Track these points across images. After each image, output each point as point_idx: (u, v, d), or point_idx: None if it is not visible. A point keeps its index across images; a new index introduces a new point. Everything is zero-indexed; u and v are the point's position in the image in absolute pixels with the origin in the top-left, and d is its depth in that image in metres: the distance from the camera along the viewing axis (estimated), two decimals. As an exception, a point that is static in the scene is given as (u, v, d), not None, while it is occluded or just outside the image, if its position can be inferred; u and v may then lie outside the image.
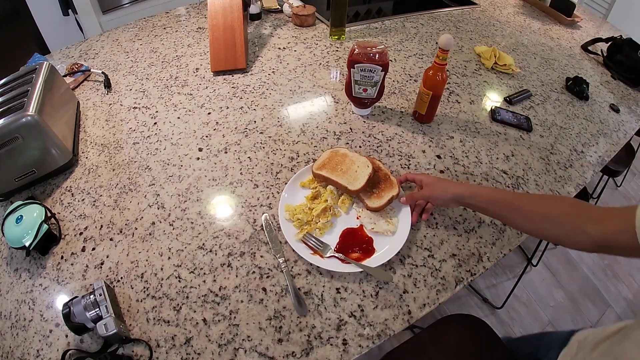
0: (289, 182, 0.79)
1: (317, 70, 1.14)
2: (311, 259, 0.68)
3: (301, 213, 0.74)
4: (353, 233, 0.74)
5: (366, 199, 0.75)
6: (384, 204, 0.73)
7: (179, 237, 0.72)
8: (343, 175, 0.77)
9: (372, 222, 0.74)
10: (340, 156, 0.81)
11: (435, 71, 0.87)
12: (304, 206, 0.76)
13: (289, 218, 0.74)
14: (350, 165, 0.79)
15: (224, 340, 0.59)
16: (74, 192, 0.80)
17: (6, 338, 0.60)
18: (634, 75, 1.24)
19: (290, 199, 0.78)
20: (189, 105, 1.01)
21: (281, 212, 0.75)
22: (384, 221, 0.74)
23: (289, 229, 0.73)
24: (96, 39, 1.28)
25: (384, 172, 0.80)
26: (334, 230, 0.74)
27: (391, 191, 0.75)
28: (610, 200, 2.20)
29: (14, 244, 0.66)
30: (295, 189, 0.80)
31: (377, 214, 0.75)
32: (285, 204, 0.76)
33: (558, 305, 1.70)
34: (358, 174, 0.77)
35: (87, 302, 0.56)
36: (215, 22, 1.12)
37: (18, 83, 0.81)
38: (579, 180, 0.89)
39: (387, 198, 0.74)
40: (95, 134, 0.93)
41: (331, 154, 0.82)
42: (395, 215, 0.75)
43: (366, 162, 0.78)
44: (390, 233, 0.72)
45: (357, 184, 0.75)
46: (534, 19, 1.57)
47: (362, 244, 0.72)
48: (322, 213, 0.75)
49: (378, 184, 0.78)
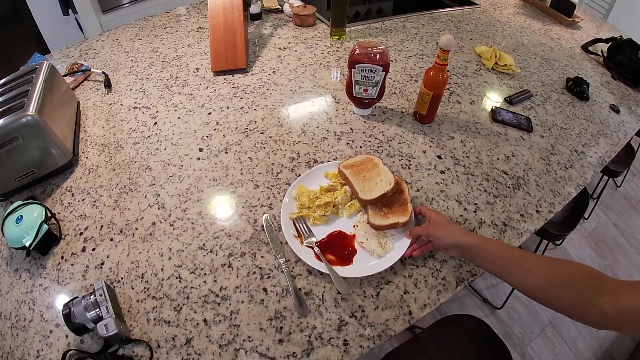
0: (315, 168, 0.83)
1: (317, 70, 1.14)
2: (290, 241, 0.69)
3: (307, 197, 0.76)
4: (342, 238, 0.73)
5: (371, 213, 0.73)
6: (386, 225, 0.70)
7: (179, 237, 0.72)
8: (362, 182, 0.76)
9: (365, 238, 0.72)
10: (371, 164, 0.80)
11: (436, 71, 0.87)
12: (314, 193, 0.78)
13: (295, 196, 0.77)
14: (374, 177, 0.77)
15: (224, 340, 0.59)
16: (74, 192, 0.80)
17: (6, 338, 0.60)
18: (634, 75, 1.24)
19: (307, 181, 0.80)
20: (190, 105, 1.01)
21: (292, 190, 0.78)
22: (376, 241, 0.71)
23: (290, 207, 0.75)
24: (96, 38, 1.28)
25: (404, 197, 0.76)
26: (327, 227, 0.74)
27: (400, 217, 0.71)
28: (610, 201, 2.21)
29: (14, 244, 0.65)
30: (317, 176, 0.82)
31: (374, 233, 0.72)
32: (300, 184, 0.79)
33: (558, 306, 1.70)
34: (376, 187, 0.75)
35: (88, 303, 0.56)
36: (215, 22, 1.12)
37: (18, 83, 0.81)
38: (579, 181, 0.89)
39: (392, 222, 0.70)
40: (95, 133, 0.93)
41: (364, 159, 0.82)
42: (390, 241, 0.72)
43: (390, 180, 0.75)
44: (377, 256, 0.69)
45: (369, 195, 0.73)
46: (534, 20, 1.57)
47: (344, 252, 0.70)
48: (324, 206, 0.75)
49: (391, 205, 0.74)
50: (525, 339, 1.57)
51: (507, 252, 0.60)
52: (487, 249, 0.61)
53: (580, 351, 1.57)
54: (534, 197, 0.84)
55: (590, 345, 1.59)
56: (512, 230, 0.77)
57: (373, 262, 0.69)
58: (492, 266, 0.60)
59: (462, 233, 0.64)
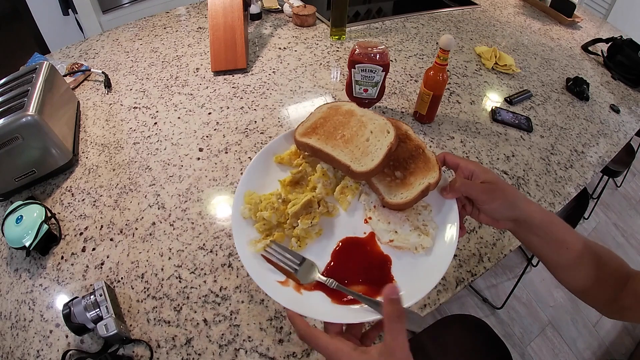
0: (258, 155, 0.52)
1: (317, 70, 1.14)
2: (274, 291, 0.42)
3: (269, 209, 0.47)
4: (357, 246, 0.46)
5: (383, 189, 0.47)
6: (415, 197, 0.45)
7: (179, 237, 0.72)
8: (345, 145, 0.49)
9: (391, 230, 0.46)
10: (343, 114, 0.53)
11: (436, 71, 0.87)
12: (275, 197, 0.49)
13: (249, 215, 0.48)
14: (358, 130, 0.50)
15: (224, 340, 0.59)
16: (74, 192, 0.80)
17: (6, 338, 0.60)
18: (634, 75, 1.24)
19: (255, 183, 0.51)
20: (190, 105, 1.01)
21: (237, 204, 0.48)
22: (412, 229, 0.46)
23: (246, 233, 0.47)
24: (96, 38, 1.28)
25: (414, 143, 0.51)
26: (325, 240, 0.47)
27: (427, 175, 0.47)
28: (610, 201, 2.21)
29: (14, 244, 0.65)
30: (266, 167, 0.53)
31: (401, 216, 0.47)
32: (247, 191, 0.49)
33: (558, 306, 1.70)
34: (370, 145, 0.48)
35: (88, 303, 0.56)
36: (215, 22, 1.12)
37: (18, 83, 0.81)
38: (579, 181, 0.89)
39: (421, 187, 0.46)
40: (95, 133, 0.93)
41: (329, 111, 0.54)
42: (431, 219, 0.47)
43: (385, 125, 0.50)
44: (422, 250, 0.45)
45: (368, 162, 0.46)
46: (534, 19, 1.57)
47: (373, 267, 0.44)
48: (303, 211, 0.47)
49: (405, 163, 0.49)
50: (525, 339, 1.57)
51: (569, 236, 0.48)
52: (551, 230, 0.47)
53: (580, 351, 1.57)
54: (534, 197, 0.84)
55: (590, 345, 1.59)
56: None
57: (423, 260, 0.45)
58: (549, 253, 0.49)
59: (526, 201, 0.48)
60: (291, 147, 0.54)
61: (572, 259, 0.48)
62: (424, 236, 0.45)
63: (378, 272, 0.44)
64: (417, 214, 0.47)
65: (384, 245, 0.46)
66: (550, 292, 1.74)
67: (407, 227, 0.46)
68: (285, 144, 0.55)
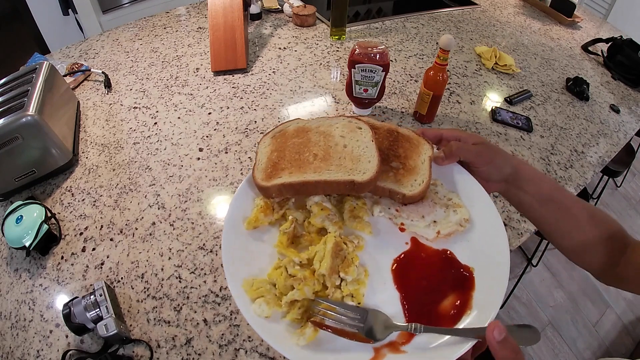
0: (225, 232, 0.42)
1: (317, 70, 1.14)
2: None
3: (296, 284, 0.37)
4: (412, 260, 0.40)
5: (394, 185, 0.42)
6: (428, 177, 0.42)
7: (179, 237, 0.72)
8: (327, 163, 0.42)
9: (430, 222, 0.42)
10: (296, 135, 0.46)
11: (436, 71, 0.87)
12: (288, 265, 0.39)
13: (271, 310, 0.37)
14: (327, 142, 0.44)
15: (224, 340, 0.59)
16: (74, 192, 0.80)
17: (6, 338, 0.60)
18: (634, 75, 1.24)
19: (245, 269, 0.40)
20: (190, 105, 1.01)
21: (245, 308, 0.37)
22: (444, 209, 0.42)
23: (280, 330, 0.36)
24: (96, 38, 1.28)
25: (384, 128, 0.48)
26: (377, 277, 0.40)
27: (421, 151, 0.45)
28: (610, 201, 2.21)
29: (14, 244, 0.65)
30: (243, 243, 0.42)
31: (428, 203, 0.43)
32: (245, 282, 0.39)
33: (558, 305, 1.70)
34: (353, 149, 0.43)
35: (88, 303, 0.56)
36: (215, 22, 1.12)
37: (18, 83, 0.81)
38: (579, 181, 0.89)
39: (427, 164, 0.43)
40: (95, 133, 0.93)
41: (275, 141, 0.47)
42: (450, 191, 0.44)
43: (349, 123, 0.45)
44: (467, 223, 0.42)
45: (367, 166, 0.41)
46: (534, 19, 1.57)
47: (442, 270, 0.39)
48: (337, 260, 0.38)
49: (392, 150, 0.45)
50: (525, 339, 1.57)
51: (559, 193, 0.47)
52: (541, 186, 0.47)
53: (580, 351, 1.57)
54: (534, 197, 0.84)
55: (590, 344, 1.59)
56: (512, 230, 0.77)
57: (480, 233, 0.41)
58: (538, 208, 0.47)
59: (514, 158, 0.48)
60: (256, 201, 0.44)
61: (563, 216, 0.47)
62: (459, 209, 0.42)
63: (451, 271, 0.38)
64: (435, 194, 0.44)
65: (435, 242, 0.41)
66: (550, 292, 1.74)
67: (440, 211, 0.42)
68: (246, 200, 0.44)
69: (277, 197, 0.44)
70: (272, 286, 0.39)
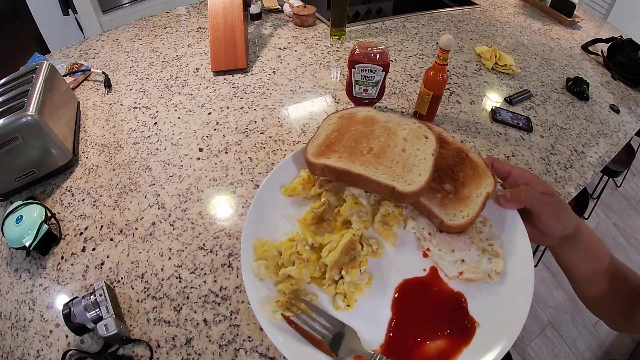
0: (261, 190, 0.43)
1: (317, 70, 1.14)
2: None
3: (296, 262, 0.37)
4: (421, 289, 0.37)
5: (437, 209, 0.39)
6: (477, 213, 0.38)
7: (179, 237, 0.72)
8: (378, 161, 0.40)
9: (458, 260, 0.37)
10: (362, 123, 0.44)
11: (436, 71, 0.87)
12: (299, 243, 0.38)
13: (267, 274, 0.38)
14: (387, 140, 0.42)
15: (224, 340, 0.59)
16: (74, 192, 0.80)
17: (6, 338, 0.60)
18: (634, 75, 1.24)
19: (264, 227, 0.40)
20: (190, 105, 1.01)
21: (247, 259, 0.38)
22: (479, 252, 0.37)
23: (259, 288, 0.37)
24: (96, 38, 1.28)
25: (454, 146, 0.43)
26: (378, 289, 0.38)
27: (481, 184, 0.40)
28: (610, 201, 2.21)
29: (14, 244, 0.65)
30: (274, 204, 0.42)
31: (464, 239, 0.38)
32: (257, 240, 0.40)
33: (558, 305, 1.70)
34: (409, 156, 0.40)
35: (88, 303, 0.56)
36: (215, 22, 1.12)
37: (18, 83, 0.81)
38: (579, 181, 0.89)
39: (481, 200, 0.39)
40: (95, 133, 0.93)
41: (341, 121, 0.45)
42: (495, 236, 0.39)
43: (419, 129, 0.42)
44: (497, 276, 0.37)
45: (415, 178, 0.38)
46: (534, 19, 1.57)
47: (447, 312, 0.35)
48: (344, 257, 0.36)
49: (451, 172, 0.41)
50: (525, 339, 1.57)
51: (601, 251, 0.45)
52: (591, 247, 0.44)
53: (580, 351, 1.57)
54: (534, 197, 0.84)
55: (590, 345, 1.59)
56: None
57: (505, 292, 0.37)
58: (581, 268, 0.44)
59: (575, 216, 0.43)
60: (300, 172, 0.44)
61: (596, 273, 0.45)
62: (495, 258, 0.37)
63: (454, 318, 0.34)
64: (478, 233, 0.39)
65: (452, 280, 0.37)
66: (550, 292, 1.74)
67: (474, 252, 0.37)
68: (293, 168, 0.43)
69: (321, 176, 0.43)
70: (279, 254, 0.38)
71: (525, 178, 0.42)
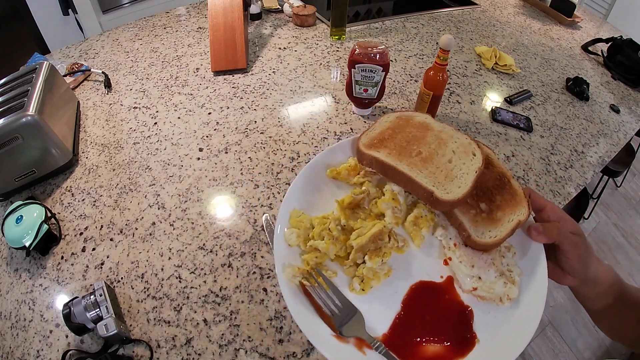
0: (308, 166, 0.45)
1: (317, 70, 1.14)
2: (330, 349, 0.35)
3: (326, 237, 0.40)
4: (434, 293, 0.39)
5: (468, 224, 0.41)
6: (505, 236, 0.40)
7: (179, 237, 0.72)
8: (423, 165, 0.42)
9: (475, 276, 0.39)
10: (417, 127, 0.46)
11: (436, 71, 0.87)
12: (333, 222, 0.41)
13: (297, 243, 0.41)
14: (437, 148, 0.44)
15: (224, 340, 0.59)
16: (74, 192, 0.80)
17: (6, 338, 0.60)
18: (634, 75, 1.24)
19: (303, 201, 0.44)
20: (190, 105, 1.01)
21: (282, 224, 0.42)
22: (497, 275, 0.39)
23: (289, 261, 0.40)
24: (96, 38, 1.28)
25: (498, 170, 0.45)
26: (394, 282, 0.40)
27: (516, 211, 0.41)
28: (610, 201, 2.21)
29: (14, 244, 0.65)
30: (317, 182, 0.45)
31: (486, 259, 0.40)
32: (294, 210, 0.43)
33: (558, 306, 1.70)
34: (454, 168, 0.42)
35: (88, 303, 0.56)
36: (215, 22, 1.12)
37: (18, 83, 0.81)
38: (579, 181, 0.89)
39: (511, 225, 0.40)
40: (95, 133, 0.93)
41: (398, 122, 0.48)
42: (515, 264, 0.41)
43: (469, 145, 0.44)
44: (508, 301, 0.38)
45: (454, 189, 0.40)
46: (534, 19, 1.57)
47: (452, 321, 0.37)
48: (371, 244, 0.39)
49: (490, 193, 0.43)
50: (525, 339, 1.57)
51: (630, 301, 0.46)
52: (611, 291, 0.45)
53: (580, 351, 1.57)
54: (534, 197, 0.84)
55: (590, 345, 1.59)
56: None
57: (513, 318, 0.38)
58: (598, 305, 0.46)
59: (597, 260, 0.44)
60: (348, 160, 0.46)
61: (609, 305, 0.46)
62: (510, 285, 0.38)
63: (458, 328, 0.36)
64: (501, 257, 0.40)
65: (465, 293, 0.39)
66: (550, 292, 1.74)
67: (492, 273, 0.39)
68: (339, 155, 0.47)
69: (367, 167, 0.46)
70: (311, 227, 0.42)
71: (557, 215, 0.43)
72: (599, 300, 0.45)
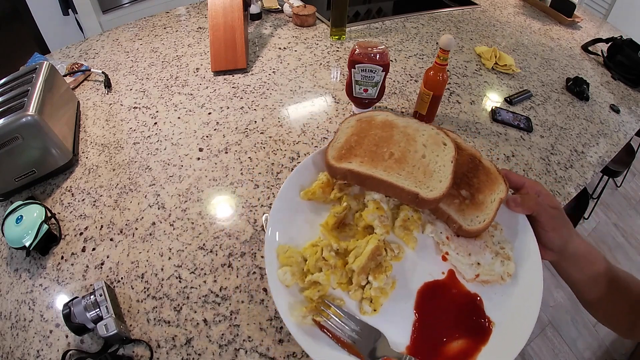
0: (280, 195, 0.43)
1: (317, 70, 1.14)
2: None
3: (323, 268, 0.38)
4: (441, 291, 0.39)
5: (456, 214, 0.41)
6: (492, 218, 0.40)
7: (179, 237, 0.72)
8: (399, 167, 0.41)
9: (474, 263, 0.40)
10: (381, 127, 0.45)
11: (436, 71, 0.87)
12: (324, 249, 0.39)
13: (293, 282, 0.39)
14: (407, 146, 0.43)
15: (224, 340, 0.59)
16: (74, 192, 0.80)
17: (6, 338, 0.60)
18: (634, 75, 1.24)
19: (286, 233, 0.41)
20: (190, 105, 1.01)
21: (272, 267, 0.39)
22: (493, 256, 0.40)
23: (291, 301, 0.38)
24: (96, 38, 1.28)
25: (468, 152, 0.45)
26: (401, 292, 0.39)
27: (494, 189, 0.42)
28: (610, 201, 2.21)
29: (14, 244, 0.65)
30: (294, 209, 0.43)
31: (479, 244, 0.41)
32: (280, 247, 0.40)
33: (558, 305, 1.70)
34: (429, 163, 0.42)
35: (88, 303, 0.56)
36: (215, 22, 1.12)
37: (18, 83, 0.81)
38: (579, 181, 0.89)
39: (495, 205, 0.41)
40: (95, 133, 0.93)
41: (360, 125, 0.46)
42: (506, 239, 0.42)
43: (437, 135, 0.44)
44: (509, 278, 0.39)
45: (436, 185, 0.40)
46: (534, 19, 1.57)
47: (465, 313, 0.37)
48: (371, 262, 0.38)
49: (466, 178, 0.43)
50: (525, 339, 1.57)
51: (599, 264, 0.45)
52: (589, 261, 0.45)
53: (580, 351, 1.57)
54: (534, 197, 0.84)
55: (590, 345, 1.59)
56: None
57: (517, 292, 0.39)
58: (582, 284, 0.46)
59: (576, 234, 0.45)
60: (319, 175, 0.44)
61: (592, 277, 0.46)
62: (507, 261, 0.40)
63: (473, 318, 0.37)
64: (491, 237, 0.41)
65: (469, 282, 0.39)
66: (550, 292, 1.74)
67: (488, 255, 0.39)
68: (311, 171, 0.44)
69: (341, 180, 0.43)
70: (303, 260, 0.39)
71: (536, 190, 0.44)
72: (579, 271, 0.45)
